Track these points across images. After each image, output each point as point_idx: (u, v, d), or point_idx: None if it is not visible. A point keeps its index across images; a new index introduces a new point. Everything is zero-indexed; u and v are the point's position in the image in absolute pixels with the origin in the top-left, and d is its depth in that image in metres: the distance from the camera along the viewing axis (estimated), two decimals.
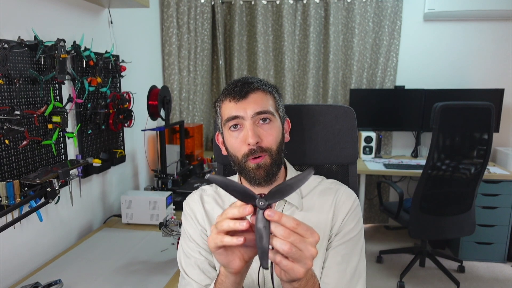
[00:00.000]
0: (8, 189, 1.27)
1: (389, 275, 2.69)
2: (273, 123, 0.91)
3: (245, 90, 0.89)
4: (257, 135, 0.87)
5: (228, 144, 0.93)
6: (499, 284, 2.58)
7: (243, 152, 0.89)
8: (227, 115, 0.90)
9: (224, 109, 0.92)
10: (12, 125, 1.27)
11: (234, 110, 0.89)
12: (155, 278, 1.33)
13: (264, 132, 0.89)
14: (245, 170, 0.91)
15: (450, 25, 3.12)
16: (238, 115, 0.88)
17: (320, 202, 0.97)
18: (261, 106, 0.89)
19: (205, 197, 1.02)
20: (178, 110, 2.90)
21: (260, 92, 0.90)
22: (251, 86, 0.90)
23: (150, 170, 2.47)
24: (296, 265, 0.62)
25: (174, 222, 1.50)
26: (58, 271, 1.38)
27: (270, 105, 0.91)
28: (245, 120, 0.88)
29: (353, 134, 1.13)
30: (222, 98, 0.93)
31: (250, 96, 0.89)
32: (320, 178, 1.03)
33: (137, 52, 2.35)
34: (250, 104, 0.88)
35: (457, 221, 2.42)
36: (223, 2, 3.23)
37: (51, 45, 1.44)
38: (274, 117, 0.91)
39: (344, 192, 0.98)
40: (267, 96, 0.91)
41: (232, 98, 0.89)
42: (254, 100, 0.89)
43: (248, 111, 0.88)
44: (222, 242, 0.64)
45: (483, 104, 2.20)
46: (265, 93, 0.91)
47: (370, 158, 3.13)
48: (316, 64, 3.23)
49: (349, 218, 0.94)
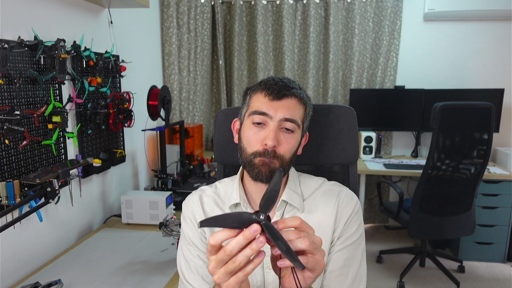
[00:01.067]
0: (8, 189, 1.27)
1: (389, 275, 2.69)
2: (295, 134, 0.90)
3: (283, 92, 0.87)
4: (276, 140, 0.86)
5: (245, 135, 0.91)
6: (499, 284, 2.58)
7: (255, 149, 0.88)
8: (256, 108, 0.89)
9: (255, 101, 0.90)
10: (12, 125, 1.27)
11: (265, 107, 0.87)
12: (155, 278, 1.33)
13: (283, 139, 0.88)
14: (250, 165, 0.90)
15: (450, 25, 3.12)
16: (267, 113, 0.87)
17: (322, 204, 0.96)
18: (291, 113, 0.88)
19: (205, 198, 1.01)
20: (178, 110, 2.90)
21: (296, 99, 0.89)
22: (290, 91, 0.88)
23: (150, 170, 2.47)
24: (317, 256, 0.65)
25: (174, 222, 1.50)
26: (58, 271, 1.38)
27: (299, 116, 0.90)
28: (272, 120, 0.87)
29: (353, 134, 1.13)
30: (257, 89, 0.91)
31: (285, 100, 0.88)
32: (322, 180, 1.03)
33: (137, 52, 2.35)
34: (282, 108, 0.87)
35: (457, 221, 2.42)
36: (223, 2, 3.23)
37: (51, 45, 1.44)
38: (298, 128, 0.90)
39: (346, 195, 0.97)
40: (300, 106, 0.90)
41: (268, 94, 0.88)
42: (288, 105, 0.88)
43: (278, 113, 0.87)
44: (245, 274, 0.62)
45: (483, 104, 2.20)
46: (300, 102, 0.90)
47: (370, 158, 3.13)
48: (316, 64, 3.23)
49: (351, 222, 0.94)
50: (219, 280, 0.63)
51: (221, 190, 1.02)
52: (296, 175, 1.01)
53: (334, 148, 1.13)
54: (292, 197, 0.95)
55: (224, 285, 0.63)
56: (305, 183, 1.01)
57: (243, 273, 0.62)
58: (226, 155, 1.15)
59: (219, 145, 1.15)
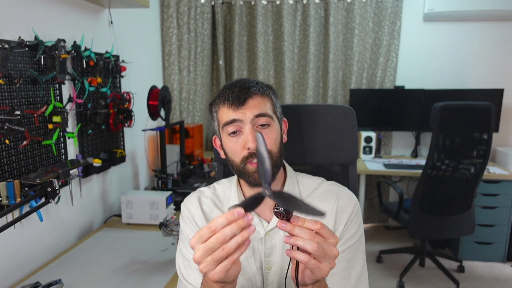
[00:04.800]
0: (9, 189, 1.28)
1: (389, 275, 2.69)
2: (272, 127, 0.89)
3: (243, 97, 0.87)
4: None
5: (227, 148, 0.92)
6: (499, 284, 2.58)
7: (242, 156, 0.88)
8: (225, 119, 0.88)
9: (221, 114, 0.90)
10: (13, 125, 1.27)
11: (232, 115, 0.87)
12: (155, 278, 1.33)
13: (264, 136, 0.88)
14: (244, 174, 0.90)
15: (450, 25, 3.12)
16: (236, 118, 0.87)
17: (321, 205, 0.95)
18: (259, 109, 0.87)
19: (203, 199, 1.01)
20: (178, 110, 2.90)
21: (258, 97, 0.89)
22: (248, 92, 0.87)
23: (150, 170, 2.47)
24: (322, 264, 0.66)
25: (174, 222, 1.51)
26: (58, 271, 1.39)
27: (268, 108, 0.90)
28: (244, 124, 0.87)
29: (353, 134, 1.13)
30: (219, 103, 0.91)
31: (248, 102, 0.87)
32: (320, 180, 1.02)
33: (137, 52, 2.35)
34: (248, 109, 0.87)
35: (457, 221, 2.42)
36: (223, 2, 3.23)
37: (52, 45, 1.44)
38: (272, 120, 0.90)
39: (345, 196, 0.97)
40: (264, 99, 0.90)
41: (230, 106, 0.87)
42: (253, 105, 0.87)
43: (247, 115, 0.86)
44: (231, 262, 0.62)
45: (482, 104, 2.21)
46: (263, 96, 0.90)
47: (370, 158, 3.13)
48: (316, 64, 3.23)
49: (351, 223, 0.94)
50: (206, 269, 0.62)
51: (219, 191, 1.02)
52: (294, 174, 1.01)
53: (333, 148, 1.13)
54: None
55: (211, 273, 0.63)
56: (303, 182, 1.00)
57: (230, 261, 0.62)
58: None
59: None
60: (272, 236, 0.93)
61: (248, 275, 0.94)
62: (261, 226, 0.93)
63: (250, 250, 0.94)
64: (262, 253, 0.93)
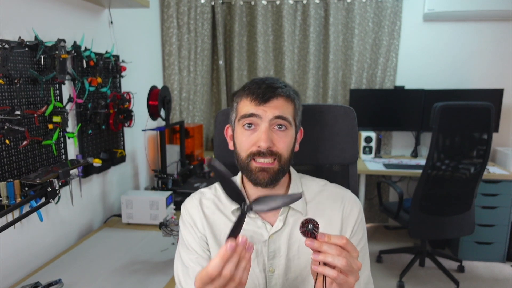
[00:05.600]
0: (9, 189, 1.28)
1: (389, 275, 2.69)
2: (288, 131, 0.88)
3: (268, 95, 0.86)
4: (270, 140, 0.85)
5: (238, 141, 0.91)
6: (499, 284, 2.58)
7: (250, 151, 0.87)
8: (244, 111, 0.87)
9: (242, 105, 0.89)
10: (13, 125, 1.27)
11: (253, 109, 0.86)
12: (155, 278, 1.33)
13: (277, 138, 0.87)
14: (248, 170, 0.89)
15: (449, 25, 3.12)
16: (256, 114, 0.86)
17: (327, 208, 0.96)
18: (280, 111, 0.86)
19: (204, 201, 0.99)
20: (178, 110, 2.90)
21: (282, 99, 0.88)
22: (275, 92, 0.87)
23: (150, 170, 2.47)
24: (349, 278, 0.68)
25: (174, 222, 1.51)
26: (58, 271, 1.39)
27: (289, 113, 0.89)
28: (262, 121, 0.86)
29: (353, 134, 1.13)
30: (242, 95, 0.90)
31: (271, 101, 0.86)
32: (323, 182, 1.02)
33: (137, 52, 2.35)
34: (270, 108, 0.86)
35: (457, 221, 2.42)
36: (223, 2, 3.23)
37: (52, 45, 1.44)
38: (290, 125, 0.88)
39: (350, 199, 0.97)
40: (288, 103, 0.89)
41: (253, 100, 0.86)
42: (275, 105, 0.86)
43: (267, 114, 0.85)
44: (243, 284, 0.66)
45: (482, 104, 2.21)
46: (287, 100, 0.89)
47: (370, 158, 3.13)
48: (316, 64, 3.23)
49: (358, 228, 0.95)
50: None
51: (221, 192, 1.00)
52: (297, 177, 1.00)
53: (334, 148, 1.13)
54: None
55: None
56: (307, 185, 0.99)
57: (242, 285, 0.66)
58: (227, 155, 1.15)
59: (220, 145, 1.15)
60: (275, 239, 0.92)
61: (251, 278, 0.93)
62: (265, 229, 0.93)
63: (254, 253, 0.93)
64: (265, 256, 0.93)
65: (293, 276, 0.92)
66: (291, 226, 0.93)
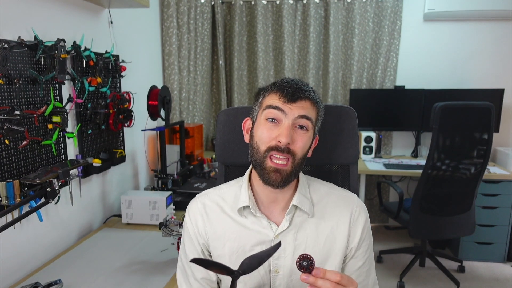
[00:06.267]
0: (8, 189, 1.27)
1: (389, 275, 2.69)
2: (308, 132, 0.89)
3: (297, 95, 0.87)
4: (290, 137, 0.85)
5: (257, 133, 0.90)
6: (499, 284, 2.58)
7: (268, 145, 0.87)
8: (270, 103, 0.88)
9: (269, 99, 0.89)
10: (12, 125, 1.27)
11: (280, 104, 0.87)
12: (155, 278, 1.33)
13: (297, 136, 0.87)
14: (262, 167, 0.88)
15: (450, 25, 3.12)
16: (283, 109, 0.86)
17: (334, 211, 0.96)
18: (306, 112, 0.87)
19: (208, 202, 0.99)
20: (178, 110, 2.90)
21: (309, 102, 0.88)
22: (304, 94, 0.88)
23: (150, 170, 2.47)
24: None
25: (174, 222, 1.50)
26: (58, 271, 1.38)
27: (313, 116, 0.90)
28: (286, 118, 0.86)
29: (354, 134, 1.13)
30: (271, 90, 0.90)
31: (299, 102, 0.87)
32: (331, 185, 1.02)
33: (137, 52, 2.34)
34: (296, 108, 0.87)
35: (457, 221, 2.42)
36: (223, 2, 3.23)
37: (51, 45, 1.44)
38: (311, 128, 0.89)
39: (358, 204, 0.97)
40: (313, 107, 0.90)
41: (282, 96, 0.87)
42: (302, 106, 0.87)
43: (293, 111, 0.86)
44: None
45: (483, 104, 2.20)
46: (314, 104, 0.90)
47: (370, 158, 3.13)
48: (316, 64, 3.23)
49: (366, 234, 0.96)
50: None
51: (227, 193, 1.00)
52: (305, 179, 1.00)
53: (334, 148, 1.13)
54: (302, 202, 0.93)
55: None
56: (314, 187, 0.99)
57: None
58: (228, 155, 1.15)
59: (221, 145, 1.15)
60: (281, 239, 0.92)
61: (256, 279, 0.93)
62: (270, 229, 0.93)
63: None
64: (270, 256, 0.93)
65: (298, 278, 0.92)
66: (298, 227, 0.93)
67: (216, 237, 0.95)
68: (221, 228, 0.96)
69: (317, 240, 0.93)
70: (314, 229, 0.93)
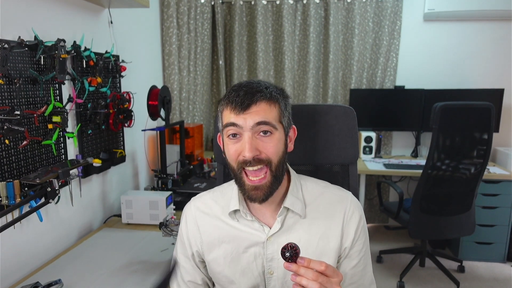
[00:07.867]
0: (8, 189, 1.27)
1: (389, 275, 2.69)
2: (274, 135, 0.85)
3: (246, 102, 0.82)
4: (254, 148, 0.82)
5: (226, 151, 0.90)
6: (499, 284, 2.58)
7: (237, 161, 0.86)
8: (226, 121, 0.86)
9: (225, 115, 0.87)
10: (12, 125, 1.27)
11: (233, 118, 0.84)
12: (155, 278, 1.33)
13: (263, 144, 0.84)
14: (241, 186, 0.88)
15: (450, 25, 3.12)
16: (237, 123, 0.83)
17: (327, 211, 0.94)
18: (262, 116, 0.83)
19: (201, 205, 1.01)
20: (178, 110, 2.90)
21: (263, 103, 0.84)
22: (253, 98, 0.83)
23: (150, 170, 2.47)
24: None
25: (174, 222, 1.51)
26: (58, 271, 1.38)
27: (272, 117, 0.85)
28: (243, 130, 0.83)
29: (353, 134, 1.13)
30: (224, 104, 0.87)
31: (251, 108, 0.83)
32: (324, 184, 1.00)
33: (137, 52, 2.35)
34: (250, 115, 0.82)
35: (457, 221, 2.42)
36: (223, 2, 3.23)
37: (51, 45, 1.44)
38: (275, 129, 0.85)
39: (352, 203, 0.96)
40: (271, 106, 0.85)
41: (233, 109, 0.83)
42: (256, 111, 0.83)
43: (247, 122, 0.82)
44: None
45: (483, 104, 2.20)
46: (269, 103, 0.85)
47: (370, 158, 3.13)
48: (316, 64, 3.23)
49: (361, 232, 0.94)
50: None
51: (219, 196, 1.01)
52: (297, 178, 0.98)
53: (334, 148, 1.13)
54: (294, 204, 0.92)
55: None
56: (307, 187, 0.98)
57: None
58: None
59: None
60: (273, 241, 0.92)
61: (250, 280, 0.94)
62: (262, 231, 0.93)
63: (253, 255, 0.93)
64: (263, 258, 0.93)
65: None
66: (290, 229, 0.93)
67: (210, 241, 0.96)
68: (214, 231, 0.96)
69: (310, 241, 0.92)
70: (307, 230, 0.93)
